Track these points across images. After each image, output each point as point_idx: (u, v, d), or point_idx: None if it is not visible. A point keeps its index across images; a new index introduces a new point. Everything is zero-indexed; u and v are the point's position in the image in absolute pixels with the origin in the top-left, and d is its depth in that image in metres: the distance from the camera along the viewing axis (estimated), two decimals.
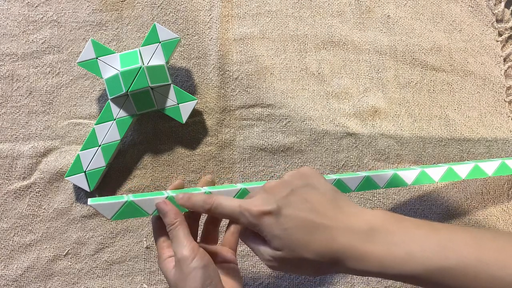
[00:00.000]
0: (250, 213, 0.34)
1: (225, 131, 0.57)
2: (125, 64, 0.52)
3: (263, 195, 0.35)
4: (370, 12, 0.60)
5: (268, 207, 0.33)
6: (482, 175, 0.49)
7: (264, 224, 0.33)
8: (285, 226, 0.33)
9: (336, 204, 0.34)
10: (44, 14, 0.58)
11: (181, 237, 0.36)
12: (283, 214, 0.33)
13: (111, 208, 0.39)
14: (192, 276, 0.34)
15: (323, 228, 0.32)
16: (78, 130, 0.57)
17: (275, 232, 0.33)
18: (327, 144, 0.57)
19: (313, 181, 0.35)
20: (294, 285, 0.55)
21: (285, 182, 0.35)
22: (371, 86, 0.59)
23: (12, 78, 0.57)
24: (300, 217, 0.33)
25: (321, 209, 0.33)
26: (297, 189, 0.34)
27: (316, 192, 0.34)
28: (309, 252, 0.32)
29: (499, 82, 0.60)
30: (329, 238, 0.32)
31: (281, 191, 0.34)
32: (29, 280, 0.54)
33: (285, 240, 0.32)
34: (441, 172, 0.47)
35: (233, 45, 0.59)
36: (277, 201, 0.33)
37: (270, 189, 0.35)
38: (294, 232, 0.32)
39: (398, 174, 0.45)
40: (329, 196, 0.34)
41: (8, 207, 0.55)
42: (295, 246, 0.32)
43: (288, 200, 0.34)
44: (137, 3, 0.59)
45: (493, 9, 0.61)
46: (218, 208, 0.36)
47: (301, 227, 0.32)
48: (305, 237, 0.32)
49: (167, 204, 0.38)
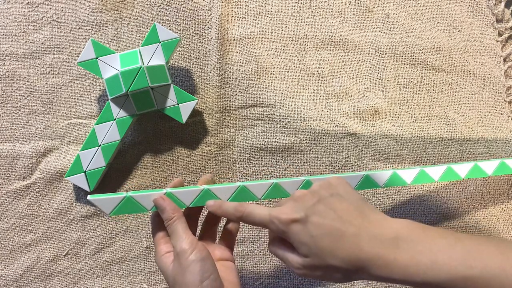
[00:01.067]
0: (280, 221, 0.35)
1: (225, 131, 0.57)
2: (125, 64, 0.52)
3: (291, 204, 0.36)
4: (370, 12, 0.60)
5: (296, 215, 0.34)
6: (481, 174, 0.49)
7: (292, 231, 0.34)
8: (312, 233, 0.34)
9: (362, 212, 0.35)
10: (44, 14, 0.58)
11: (179, 231, 0.37)
12: (310, 221, 0.34)
13: (110, 203, 0.39)
14: (190, 269, 0.35)
15: (349, 236, 0.33)
16: (78, 130, 0.57)
17: (302, 239, 0.34)
18: (327, 144, 0.57)
19: (340, 190, 0.36)
20: (294, 285, 0.55)
21: (313, 191, 0.36)
22: (371, 86, 0.59)
23: (12, 78, 0.57)
24: (326, 225, 0.34)
25: (347, 218, 0.34)
26: (324, 199, 0.35)
27: (343, 201, 0.35)
28: (335, 259, 0.33)
29: (499, 82, 0.60)
30: (355, 246, 0.33)
31: (309, 200, 0.36)
32: (29, 280, 0.54)
33: (312, 247, 0.34)
34: (441, 171, 0.47)
35: (233, 45, 0.59)
36: (305, 210, 0.35)
37: (299, 198, 0.36)
38: (320, 239, 0.33)
39: (398, 173, 0.45)
40: (355, 205, 0.35)
41: (8, 207, 0.55)
42: (321, 253, 0.33)
43: (316, 208, 0.35)
44: (137, 3, 0.59)
45: (493, 9, 0.61)
46: (249, 216, 0.37)
47: (327, 234, 0.33)
48: (331, 244, 0.33)
49: (164, 199, 0.39)
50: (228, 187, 0.41)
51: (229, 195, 0.41)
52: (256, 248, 0.55)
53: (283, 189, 0.42)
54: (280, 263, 0.55)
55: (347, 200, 0.36)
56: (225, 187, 0.41)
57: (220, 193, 0.41)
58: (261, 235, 0.56)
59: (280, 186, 0.42)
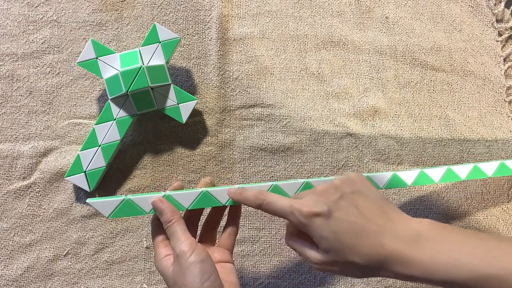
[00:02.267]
0: (301, 213, 0.35)
1: (225, 131, 0.57)
2: (125, 64, 0.52)
3: (313, 197, 0.36)
4: (370, 12, 0.60)
5: (319, 209, 0.34)
6: (481, 175, 0.49)
7: (314, 224, 0.34)
8: (334, 228, 0.34)
9: (383, 211, 0.35)
10: (44, 14, 0.58)
11: (178, 233, 0.37)
12: (333, 217, 0.34)
13: (108, 206, 0.39)
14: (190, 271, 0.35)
15: (371, 233, 0.34)
16: (78, 130, 0.57)
17: (324, 234, 0.34)
18: (327, 144, 0.57)
19: (362, 188, 0.36)
20: (294, 285, 0.55)
21: (335, 186, 0.36)
22: (371, 86, 0.59)
23: (12, 78, 0.57)
24: (349, 221, 0.34)
25: (369, 215, 0.34)
26: (347, 195, 0.35)
27: (365, 199, 0.36)
28: (356, 255, 0.33)
29: (499, 82, 0.60)
30: (376, 243, 0.33)
31: (332, 195, 0.35)
32: (29, 280, 0.54)
33: (333, 242, 0.34)
34: (441, 172, 0.47)
35: (233, 45, 0.59)
36: (328, 204, 0.35)
37: (321, 192, 0.36)
38: (342, 235, 0.33)
39: (398, 174, 0.45)
40: (377, 203, 0.36)
41: (8, 207, 0.55)
42: (343, 248, 0.33)
43: (338, 204, 0.35)
44: (137, 3, 0.59)
45: (493, 9, 0.61)
46: (270, 205, 0.37)
47: (349, 230, 0.34)
48: (353, 241, 0.33)
49: (163, 202, 0.39)
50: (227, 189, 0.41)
51: (228, 198, 0.41)
52: (256, 248, 0.55)
53: (283, 191, 0.42)
54: (280, 263, 0.55)
55: (369, 197, 0.36)
56: (223, 189, 0.41)
57: (219, 195, 0.41)
58: (261, 235, 0.56)
59: (280, 188, 0.42)
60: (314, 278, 0.55)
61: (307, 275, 0.55)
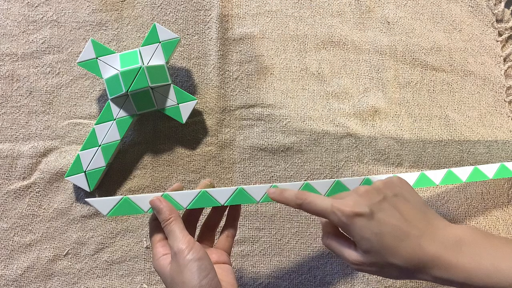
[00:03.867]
0: (343, 213, 0.35)
1: (225, 131, 0.57)
2: (125, 64, 0.52)
3: (355, 198, 0.36)
4: (370, 12, 0.60)
5: (361, 210, 0.34)
6: (482, 178, 0.49)
7: (355, 225, 0.34)
8: (376, 230, 0.34)
9: (425, 216, 0.35)
10: (44, 14, 0.58)
11: (176, 231, 0.37)
12: (375, 218, 0.34)
13: (107, 204, 0.40)
14: (188, 268, 0.35)
15: (412, 236, 0.34)
16: (78, 130, 0.57)
17: (365, 235, 0.34)
18: (327, 144, 0.57)
19: (404, 191, 0.37)
20: (294, 285, 0.55)
21: (377, 189, 0.36)
22: (371, 86, 0.59)
23: (12, 78, 0.57)
24: (391, 224, 0.34)
25: (411, 219, 0.35)
26: (389, 198, 0.36)
27: (407, 203, 0.36)
28: (397, 257, 0.33)
29: (499, 82, 0.60)
30: (417, 246, 0.33)
31: (374, 197, 0.36)
32: (29, 280, 0.54)
33: (375, 243, 0.34)
34: (441, 175, 0.47)
35: (233, 45, 0.59)
36: (370, 206, 0.35)
37: (363, 193, 0.36)
38: (384, 237, 0.34)
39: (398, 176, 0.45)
40: (418, 208, 0.36)
41: (8, 207, 0.55)
42: (383, 250, 0.34)
43: (381, 206, 0.35)
44: (137, 3, 0.59)
45: (493, 9, 0.61)
46: (311, 204, 0.37)
47: (391, 233, 0.34)
48: (394, 243, 0.34)
49: (161, 201, 0.39)
50: (225, 190, 0.41)
51: (227, 198, 0.41)
52: (256, 248, 0.55)
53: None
54: (280, 263, 0.55)
55: (411, 202, 0.36)
56: (222, 190, 0.41)
57: (218, 195, 0.41)
58: (261, 235, 0.56)
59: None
60: (314, 278, 0.55)
61: (307, 275, 0.55)
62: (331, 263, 0.55)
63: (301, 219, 0.56)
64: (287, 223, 0.56)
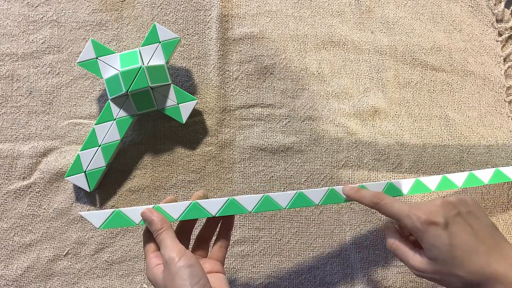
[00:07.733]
0: (419, 218, 0.37)
1: (225, 131, 0.57)
2: (125, 64, 0.52)
3: (431, 208, 0.38)
4: (370, 12, 0.60)
5: (437, 219, 0.36)
6: (478, 183, 0.49)
7: (429, 233, 0.36)
8: (447, 241, 0.36)
9: (493, 236, 0.37)
10: (44, 14, 0.58)
11: (167, 240, 0.37)
12: (449, 230, 0.36)
13: (99, 218, 0.41)
14: (180, 275, 0.35)
15: (481, 252, 0.35)
16: (78, 130, 0.57)
17: (436, 243, 0.36)
18: (327, 144, 0.57)
19: (476, 211, 0.38)
20: (294, 285, 0.55)
21: (452, 203, 0.38)
22: (371, 86, 0.59)
23: (12, 78, 0.57)
24: (463, 237, 0.36)
25: (482, 237, 0.36)
26: (463, 213, 0.37)
27: (478, 221, 0.38)
28: (463, 270, 0.35)
29: (499, 82, 0.60)
30: (484, 262, 0.35)
31: (450, 210, 0.37)
32: (29, 280, 0.54)
33: (444, 253, 0.35)
34: (437, 181, 0.47)
35: (233, 45, 0.59)
36: (445, 217, 0.37)
37: (440, 205, 0.38)
38: (455, 248, 0.35)
39: (393, 183, 0.45)
40: (488, 228, 0.38)
41: (8, 207, 0.55)
42: (452, 261, 0.35)
43: (455, 219, 0.37)
44: (137, 3, 0.59)
45: (493, 9, 0.61)
46: (387, 205, 0.39)
47: (462, 246, 0.35)
48: (463, 256, 0.35)
49: (152, 212, 0.40)
50: (216, 200, 0.42)
51: (218, 209, 0.41)
52: (256, 248, 0.55)
53: (274, 202, 0.42)
54: (280, 263, 0.55)
55: (482, 221, 0.38)
56: (213, 201, 0.42)
57: (209, 206, 0.41)
58: (261, 235, 0.56)
59: (271, 199, 0.42)
60: (314, 278, 0.55)
61: (307, 275, 0.55)
62: (331, 263, 0.55)
63: (301, 219, 0.56)
64: (287, 223, 0.56)
